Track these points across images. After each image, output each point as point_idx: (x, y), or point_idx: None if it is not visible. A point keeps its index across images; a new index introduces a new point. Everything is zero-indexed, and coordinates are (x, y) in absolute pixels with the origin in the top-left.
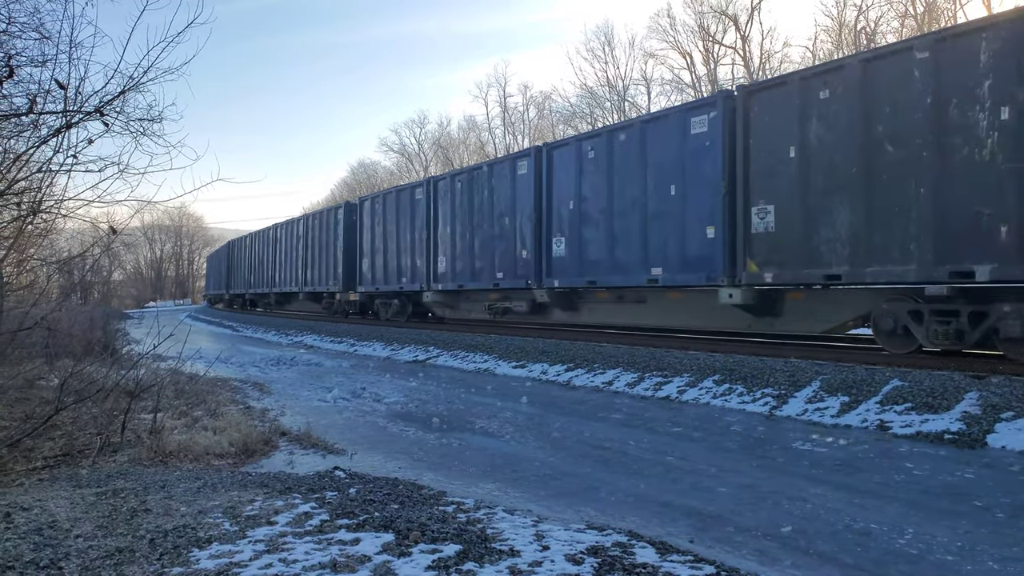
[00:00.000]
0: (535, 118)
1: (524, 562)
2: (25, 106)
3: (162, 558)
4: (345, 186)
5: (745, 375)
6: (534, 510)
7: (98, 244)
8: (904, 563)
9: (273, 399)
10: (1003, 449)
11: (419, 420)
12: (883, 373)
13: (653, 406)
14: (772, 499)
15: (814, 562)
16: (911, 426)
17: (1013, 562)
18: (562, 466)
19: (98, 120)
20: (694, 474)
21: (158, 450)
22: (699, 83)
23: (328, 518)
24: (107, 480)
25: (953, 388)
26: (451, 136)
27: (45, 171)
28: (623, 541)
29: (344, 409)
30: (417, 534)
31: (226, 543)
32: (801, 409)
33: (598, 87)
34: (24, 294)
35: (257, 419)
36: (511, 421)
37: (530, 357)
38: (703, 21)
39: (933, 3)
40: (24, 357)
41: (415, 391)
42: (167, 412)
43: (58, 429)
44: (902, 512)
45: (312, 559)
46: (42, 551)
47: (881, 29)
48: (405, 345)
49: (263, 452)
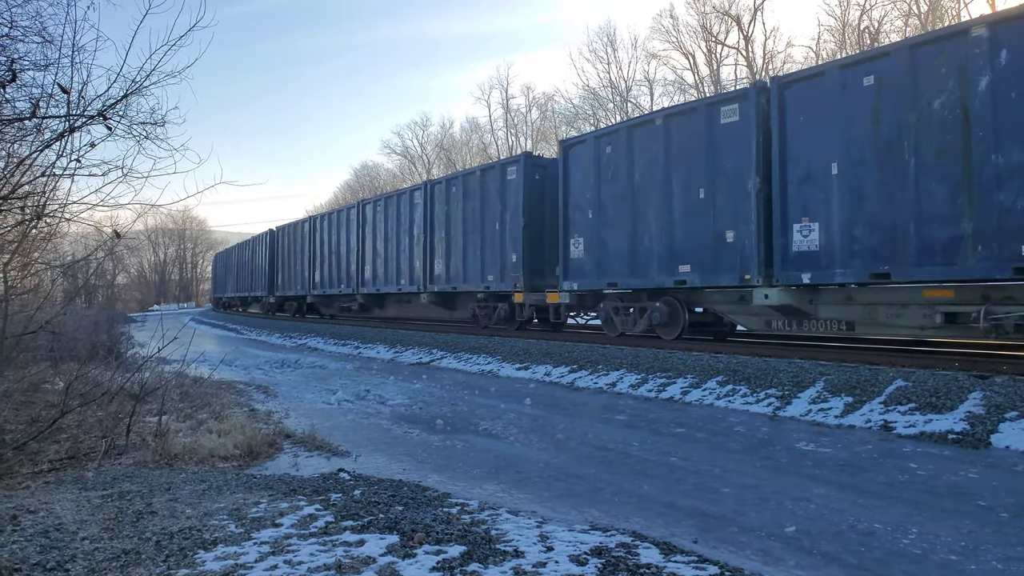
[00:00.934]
0: (537, 119)
1: (528, 563)
2: (28, 110)
3: (168, 560)
4: (348, 188)
5: (749, 376)
6: (538, 511)
7: (102, 248)
8: (908, 563)
9: (277, 401)
10: (1007, 449)
11: (423, 422)
12: (886, 373)
13: (657, 407)
14: (776, 499)
15: (818, 562)
16: (915, 426)
17: (1017, 562)
18: (566, 467)
19: (101, 124)
20: (698, 475)
21: (163, 453)
22: (702, 84)
23: (333, 520)
24: (113, 483)
25: (957, 388)
26: (454, 138)
27: (49, 175)
28: (627, 542)
29: (348, 411)
30: (422, 535)
31: (231, 545)
32: (805, 410)
33: (601, 88)
34: (28, 298)
35: (261, 421)
36: (515, 423)
37: (533, 359)
38: (706, 21)
39: (937, 2)
40: (29, 361)
41: (419, 393)
42: (172, 415)
43: (63, 432)
44: (906, 512)
45: (317, 560)
46: (48, 553)
47: (885, 28)
48: (409, 347)
49: (268, 454)
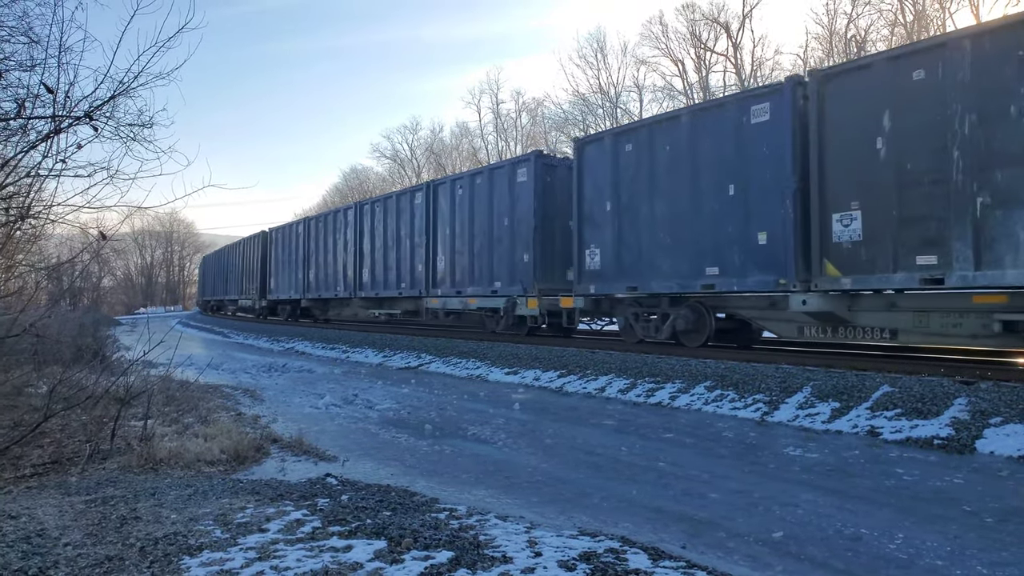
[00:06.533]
0: (528, 124)
1: (517, 568)
2: (14, 110)
3: (152, 566)
4: (337, 192)
5: (736, 381)
6: (527, 516)
7: (87, 250)
8: (894, 568)
9: (265, 406)
10: (991, 455)
11: (411, 427)
12: (873, 379)
13: (645, 412)
14: (764, 504)
15: (805, 567)
16: (901, 432)
17: (1002, 567)
18: (555, 472)
19: (88, 125)
20: (686, 480)
21: (148, 457)
22: (691, 90)
23: (320, 525)
24: (97, 488)
25: (942, 394)
26: (444, 142)
27: (34, 176)
28: (616, 547)
29: (336, 416)
30: (409, 541)
31: (217, 551)
32: (792, 415)
33: (590, 93)
34: (12, 300)
35: (248, 426)
36: (504, 427)
37: (523, 363)
38: (695, 28)
39: (922, 12)
40: (12, 364)
41: (407, 397)
42: (158, 419)
43: (47, 436)
44: (892, 517)
45: (304, 566)
46: (30, 559)
47: (871, 37)
48: (397, 351)
49: (254, 459)
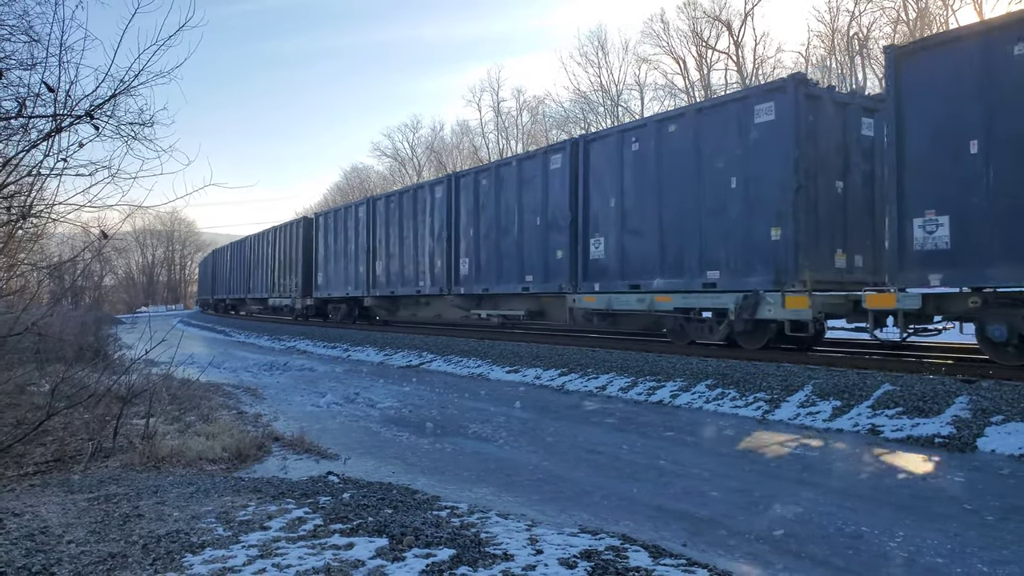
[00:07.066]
0: (528, 123)
1: (518, 566)
2: (14, 109)
3: (155, 563)
4: (338, 190)
5: (737, 380)
6: (528, 514)
7: (89, 249)
8: (895, 566)
9: (266, 404)
10: (992, 453)
11: (413, 425)
12: (874, 378)
13: (646, 411)
14: (764, 503)
15: (806, 565)
16: (902, 430)
17: (1002, 564)
18: (555, 470)
19: (89, 124)
20: (687, 478)
21: (151, 455)
22: (692, 88)
23: (322, 523)
24: (99, 485)
25: (944, 392)
26: (444, 140)
27: (35, 175)
28: (616, 545)
29: (337, 414)
30: (411, 539)
31: (219, 548)
32: (793, 413)
33: (591, 92)
34: (14, 299)
35: (250, 424)
36: (505, 426)
37: (523, 362)
38: (696, 26)
39: (925, 9)
40: (14, 362)
41: (408, 396)
42: (160, 417)
43: (49, 435)
44: (893, 515)
45: (306, 564)
46: (34, 557)
47: (874, 35)
48: (399, 350)
49: (256, 457)
